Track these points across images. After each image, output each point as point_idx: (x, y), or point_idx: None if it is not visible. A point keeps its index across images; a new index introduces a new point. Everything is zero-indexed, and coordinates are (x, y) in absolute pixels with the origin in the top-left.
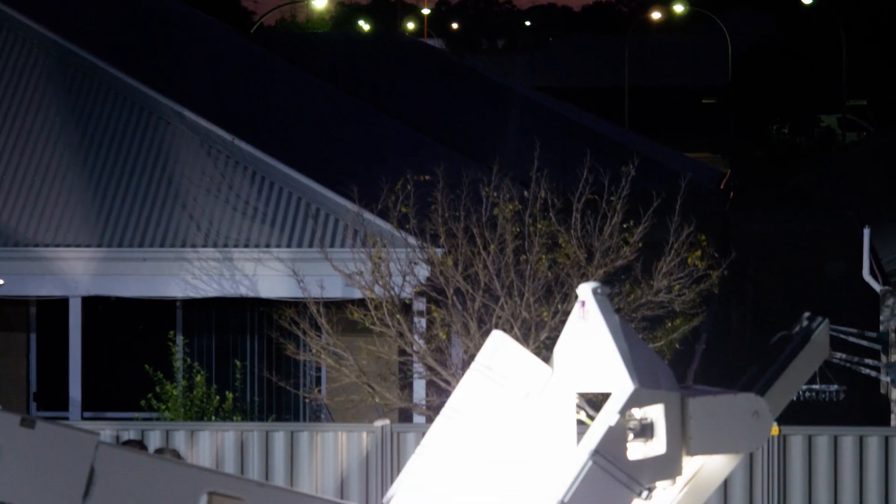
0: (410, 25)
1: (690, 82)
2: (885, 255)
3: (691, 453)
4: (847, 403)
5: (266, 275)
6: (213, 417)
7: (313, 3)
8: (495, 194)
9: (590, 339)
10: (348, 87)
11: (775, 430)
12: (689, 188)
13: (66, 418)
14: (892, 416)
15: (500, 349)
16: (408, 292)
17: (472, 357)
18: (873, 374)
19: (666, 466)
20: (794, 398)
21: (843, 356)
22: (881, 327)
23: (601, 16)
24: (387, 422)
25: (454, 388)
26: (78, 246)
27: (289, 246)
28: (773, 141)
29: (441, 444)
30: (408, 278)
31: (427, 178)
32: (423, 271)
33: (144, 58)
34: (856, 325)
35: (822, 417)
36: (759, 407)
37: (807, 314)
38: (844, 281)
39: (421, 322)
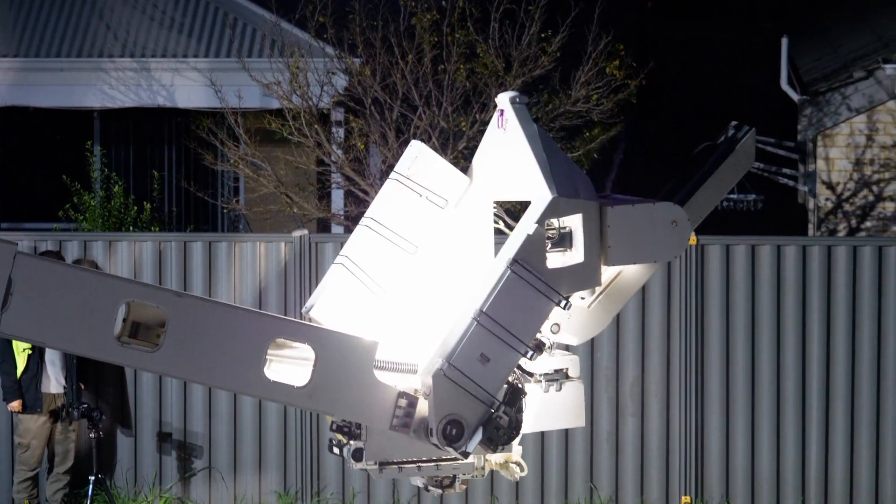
0: None
1: None
2: (804, 65)
3: (609, 263)
4: (764, 212)
5: (183, 85)
6: (132, 228)
7: None
8: (413, 3)
9: (508, 149)
10: None
11: (693, 239)
12: None
13: None
14: (809, 225)
15: (419, 159)
16: (326, 102)
17: (390, 167)
18: (791, 183)
19: (584, 276)
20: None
21: (761, 166)
22: (799, 136)
23: None
24: (305, 232)
25: (372, 198)
26: None
27: (206, 56)
28: None
29: (360, 254)
30: (326, 88)
31: None
32: (341, 81)
33: None
34: (773, 134)
35: (740, 227)
36: (678, 216)
37: (733, 123)
38: (762, 90)
39: (339, 132)
